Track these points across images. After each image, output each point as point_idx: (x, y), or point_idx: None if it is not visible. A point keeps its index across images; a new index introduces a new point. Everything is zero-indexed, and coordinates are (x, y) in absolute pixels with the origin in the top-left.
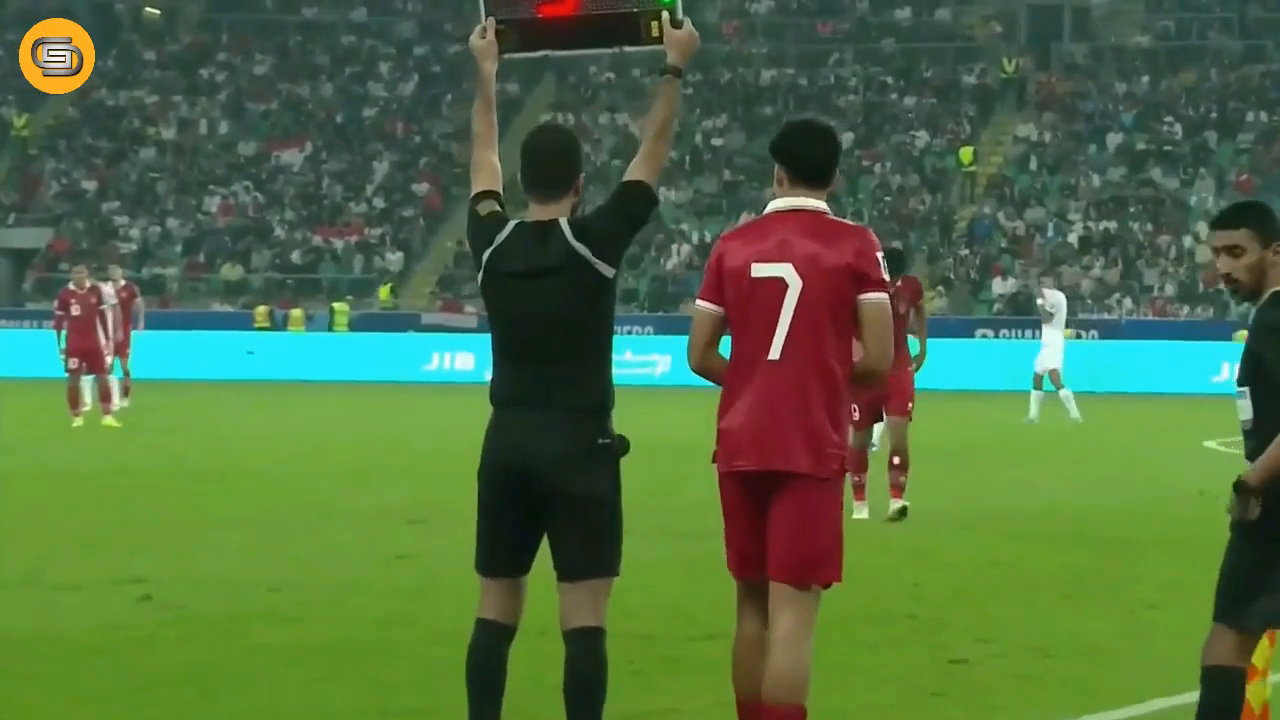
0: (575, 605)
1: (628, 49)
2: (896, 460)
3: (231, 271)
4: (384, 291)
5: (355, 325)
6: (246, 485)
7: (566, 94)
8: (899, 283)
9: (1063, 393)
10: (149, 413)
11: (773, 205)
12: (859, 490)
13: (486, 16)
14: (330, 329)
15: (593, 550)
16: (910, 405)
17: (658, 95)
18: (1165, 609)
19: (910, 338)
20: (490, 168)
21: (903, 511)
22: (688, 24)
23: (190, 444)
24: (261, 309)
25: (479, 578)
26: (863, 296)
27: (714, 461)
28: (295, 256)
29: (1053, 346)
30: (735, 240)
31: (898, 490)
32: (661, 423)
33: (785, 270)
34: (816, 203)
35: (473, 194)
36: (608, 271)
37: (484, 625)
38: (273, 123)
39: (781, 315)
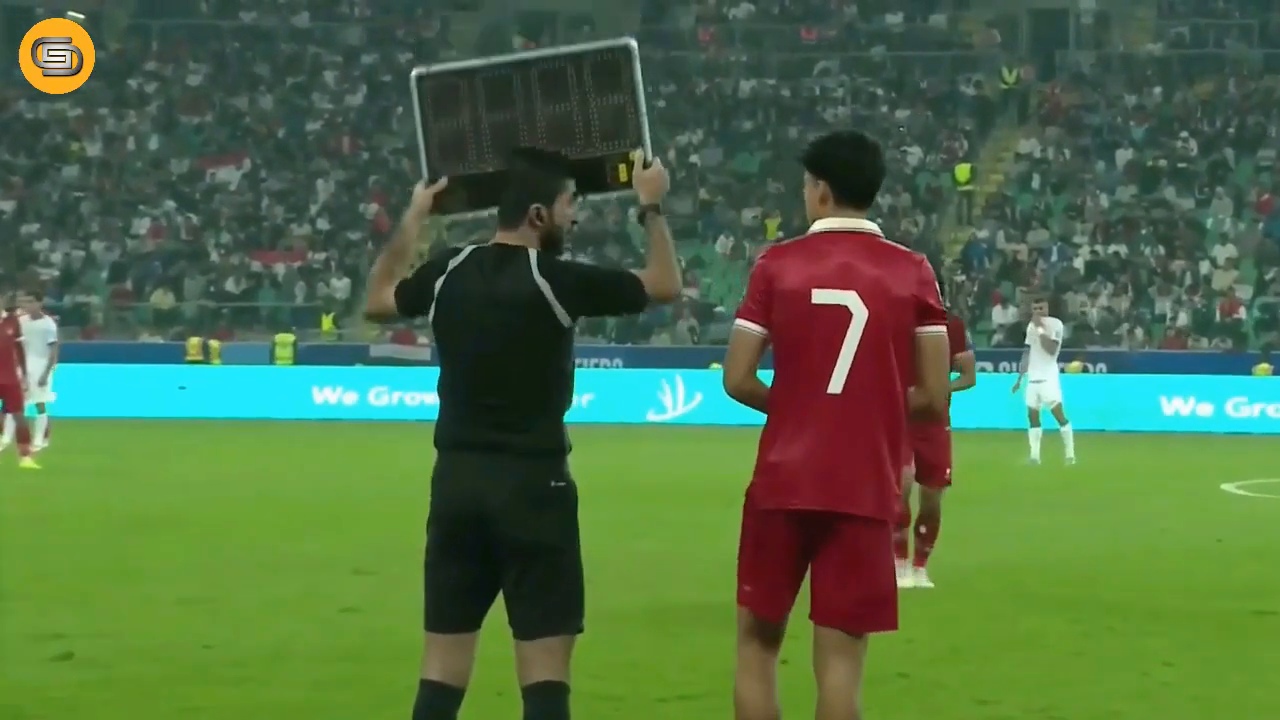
0: (532, 661)
1: (593, 196)
2: (924, 529)
3: (162, 300)
4: (326, 321)
5: (300, 358)
6: (178, 533)
7: None
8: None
9: (1066, 429)
10: (71, 454)
11: (823, 225)
12: (897, 548)
13: (434, 179)
14: (272, 361)
15: (550, 606)
16: (948, 474)
17: (648, 235)
18: (1181, 668)
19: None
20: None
21: (920, 587)
22: (656, 163)
23: (116, 488)
24: (194, 340)
25: (425, 634)
26: (923, 330)
27: (749, 494)
28: (231, 283)
29: (1052, 379)
30: (788, 259)
31: (922, 558)
32: (629, 463)
33: (850, 299)
34: (870, 225)
35: (378, 293)
36: (564, 319)
37: (430, 687)
38: (207, 138)
39: (845, 346)
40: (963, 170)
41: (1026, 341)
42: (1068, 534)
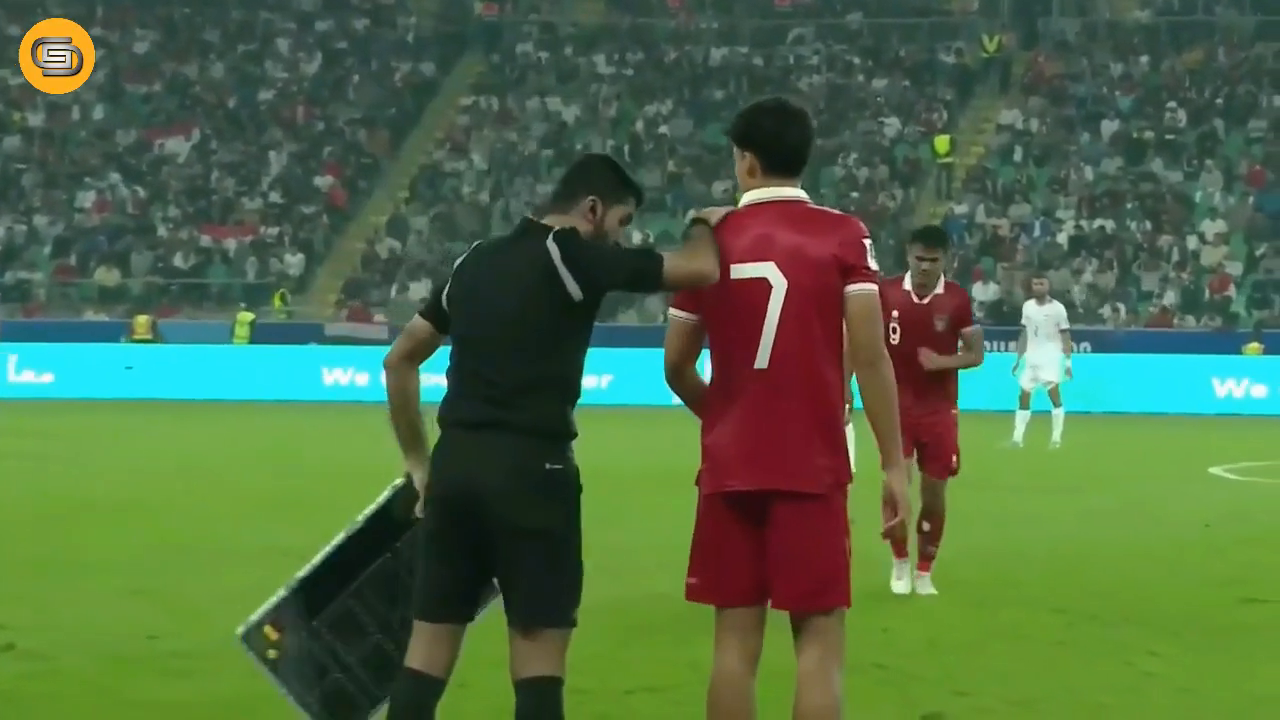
0: (527, 653)
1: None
2: (927, 526)
3: (107, 276)
4: (277, 298)
5: (253, 337)
6: (123, 520)
7: (491, 75)
8: (940, 290)
9: (1058, 412)
10: (11, 436)
11: (749, 197)
12: (897, 548)
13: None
14: (231, 340)
15: (545, 596)
16: (954, 461)
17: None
18: (1166, 658)
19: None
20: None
21: (923, 592)
22: None
23: (58, 473)
24: (142, 318)
25: (414, 621)
26: (850, 288)
27: (697, 483)
28: (180, 259)
29: (1052, 362)
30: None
31: (926, 562)
32: (599, 447)
33: (767, 270)
34: (796, 192)
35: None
36: (573, 290)
37: (411, 676)
38: (155, 107)
39: (767, 320)
40: (942, 142)
41: (1023, 320)
42: (1050, 520)
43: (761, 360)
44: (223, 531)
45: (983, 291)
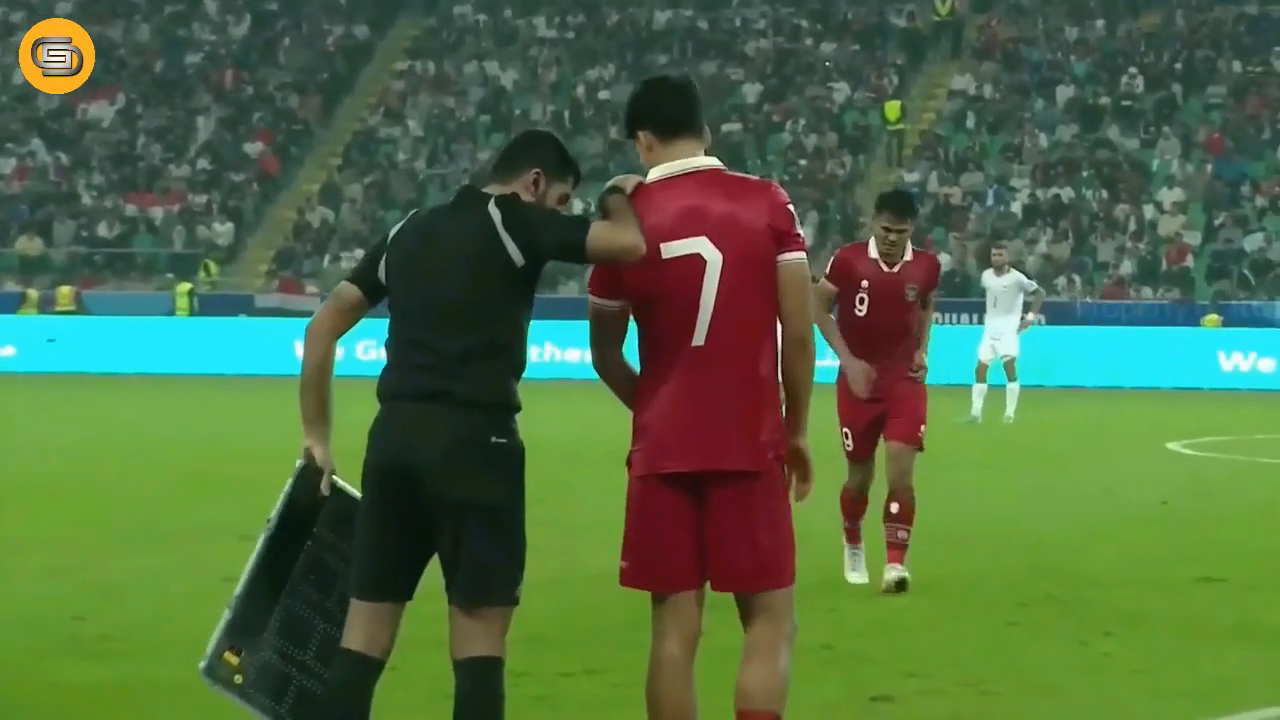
0: (467, 632)
1: None
2: (895, 508)
3: (29, 245)
4: (205, 269)
5: (173, 309)
6: (46, 499)
7: (427, 38)
8: (908, 257)
9: (1013, 387)
10: None
11: (657, 171)
12: (852, 535)
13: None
14: (173, 313)
15: (487, 573)
16: (921, 431)
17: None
18: (1123, 638)
19: None
20: None
21: (901, 584)
22: None
23: None
24: (65, 289)
25: (351, 601)
26: (782, 258)
27: (628, 464)
28: (105, 228)
29: (1010, 333)
30: None
31: (896, 551)
32: (537, 421)
33: (700, 245)
34: (709, 160)
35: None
36: (515, 255)
37: (350, 658)
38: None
39: (703, 296)
40: (892, 108)
41: (983, 288)
42: (1004, 496)
43: (698, 338)
44: (149, 509)
45: None
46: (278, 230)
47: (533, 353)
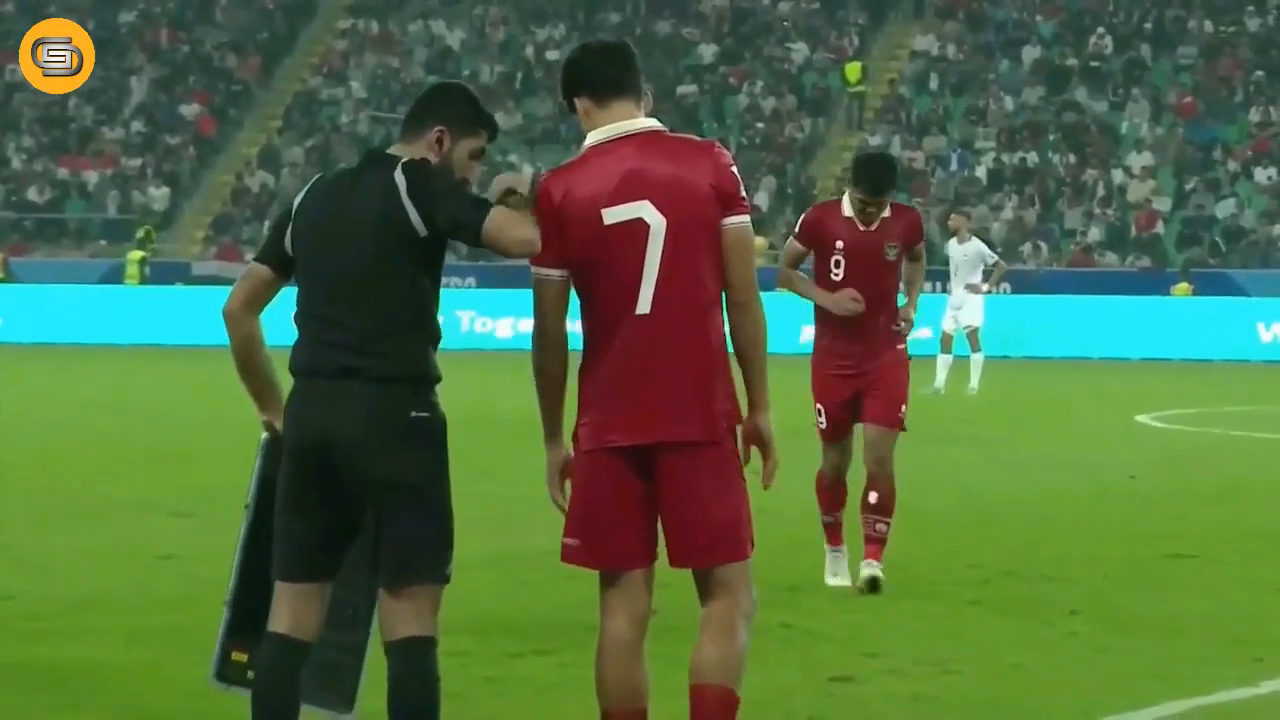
0: (396, 613)
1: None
2: (874, 498)
3: None
4: (141, 235)
5: (106, 277)
6: None
7: None
8: (886, 214)
9: (977, 357)
10: None
11: (595, 135)
12: (832, 534)
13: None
14: (123, 280)
15: (415, 551)
16: (903, 411)
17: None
18: (1087, 617)
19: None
20: None
21: (874, 583)
22: None
23: None
24: None
25: (275, 584)
26: (727, 221)
27: (574, 440)
28: (35, 192)
29: (974, 302)
30: (567, 179)
31: (874, 546)
32: (482, 393)
33: (644, 209)
34: (649, 121)
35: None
36: (417, 224)
37: (275, 641)
38: (6, 29)
39: (647, 262)
40: (853, 69)
41: (948, 254)
42: (966, 471)
43: (643, 305)
44: (81, 485)
45: None
46: (215, 195)
47: (487, 324)
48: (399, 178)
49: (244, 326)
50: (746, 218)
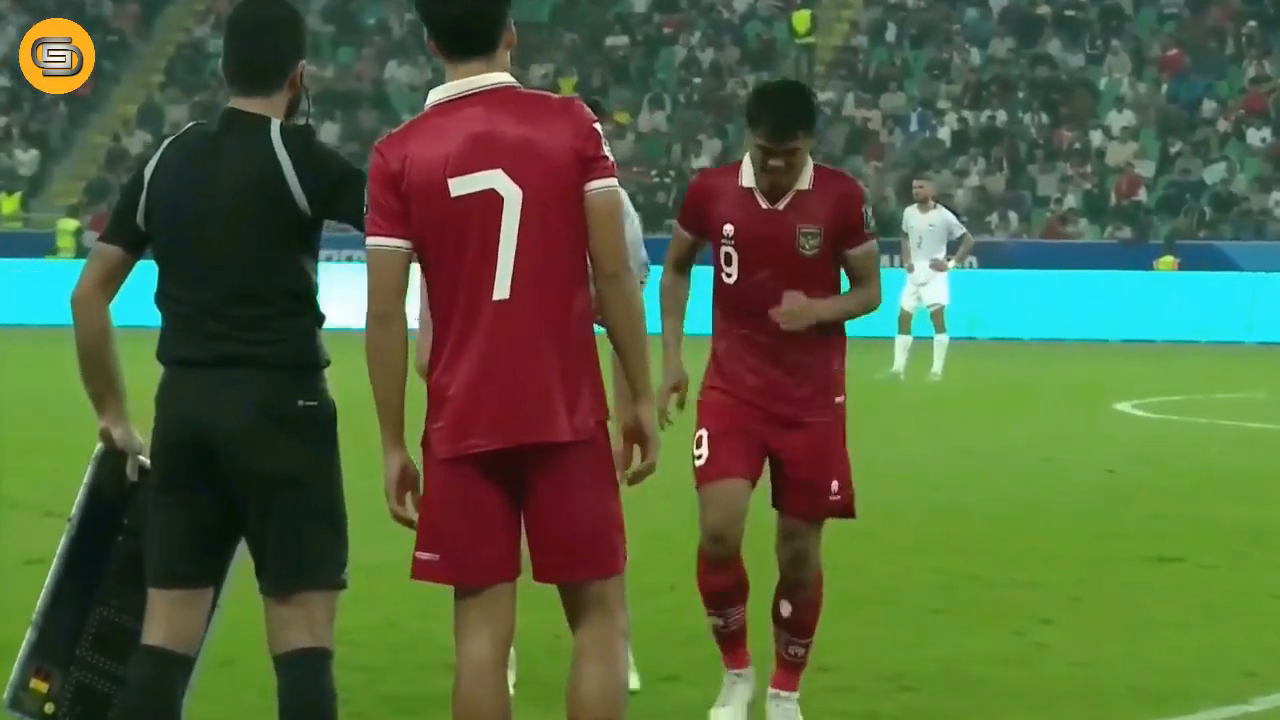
0: (286, 623)
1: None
2: (787, 609)
3: None
4: (9, 203)
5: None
6: None
7: None
8: (805, 185)
9: (941, 339)
10: None
11: (438, 92)
12: (727, 647)
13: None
14: (54, 254)
15: (304, 554)
16: (843, 492)
17: None
18: (1061, 626)
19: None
20: None
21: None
22: None
23: None
24: None
25: (149, 591)
26: (590, 186)
27: (424, 446)
28: None
29: (939, 279)
30: (409, 144)
31: (788, 672)
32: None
33: (496, 179)
34: (501, 76)
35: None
36: (304, 207)
37: (152, 655)
38: None
39: (502, 240)
40: (801, 19)
41: (904, 229)
42: (929, 464)
43: (501, 290)
44: None
45: None
46: (89, 158)
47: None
48: (280, 150)
49: (96, 315)
50: (612, 181)
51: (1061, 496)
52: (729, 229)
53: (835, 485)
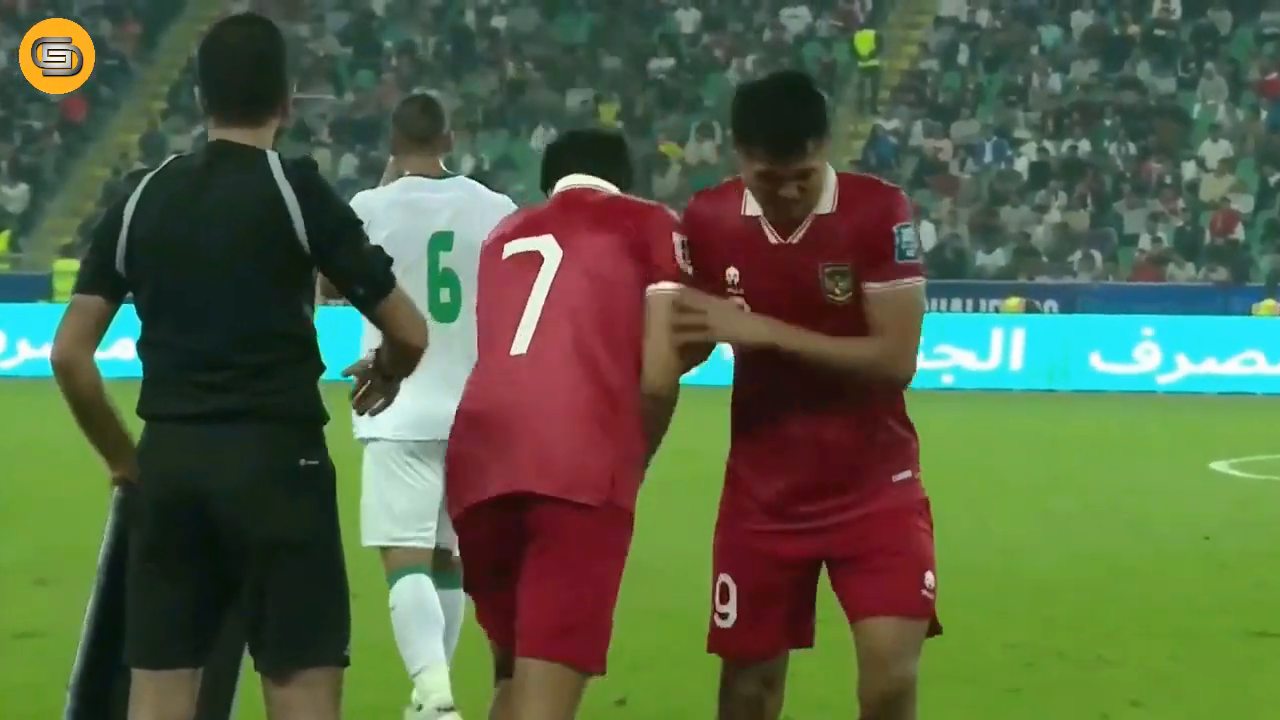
0: (289, 705)
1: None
2: None
3: None
4: (0, 240)
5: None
6: None
7: None
8: (827, 209)
9: None
10: None
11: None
12: None
13: None
14: (50, 297)
15: (308, 627)
16: (927, 587)
17: None
18: (1151, 708)
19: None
20: None
21: None
22: None
23: None
24: None
25: (133, 672)
26: (651, 288)
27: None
28: None
29: None
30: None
31: None
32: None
33: (542, 242)
34: (596, 180)
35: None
36: (304, 242)
37: None
38: None
39: (532, 295)
40: (864, 40)
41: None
42: (1006, 527)
43: (520, 345)
44: None
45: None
46: (85, 193)
47: None
48: (281, 182)
49: (83, 373)
50: (671, 286)
51: (1152, 564)
52: (732, 273)
53: (925, 579)
